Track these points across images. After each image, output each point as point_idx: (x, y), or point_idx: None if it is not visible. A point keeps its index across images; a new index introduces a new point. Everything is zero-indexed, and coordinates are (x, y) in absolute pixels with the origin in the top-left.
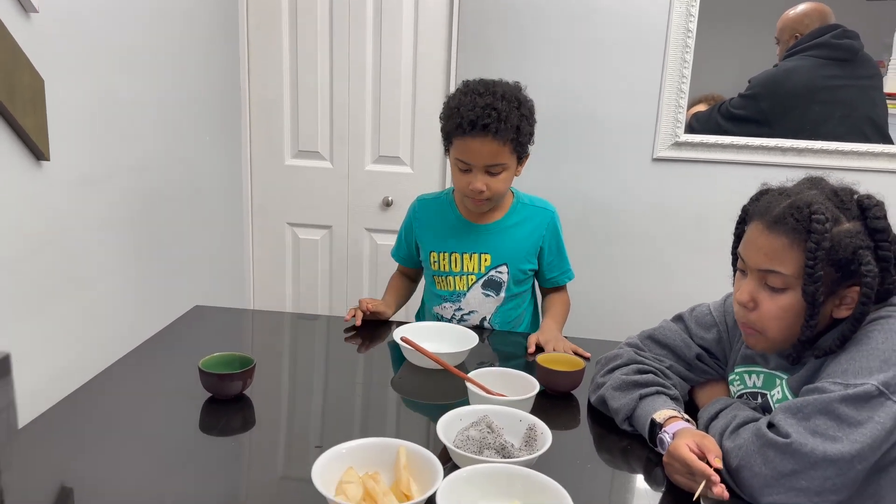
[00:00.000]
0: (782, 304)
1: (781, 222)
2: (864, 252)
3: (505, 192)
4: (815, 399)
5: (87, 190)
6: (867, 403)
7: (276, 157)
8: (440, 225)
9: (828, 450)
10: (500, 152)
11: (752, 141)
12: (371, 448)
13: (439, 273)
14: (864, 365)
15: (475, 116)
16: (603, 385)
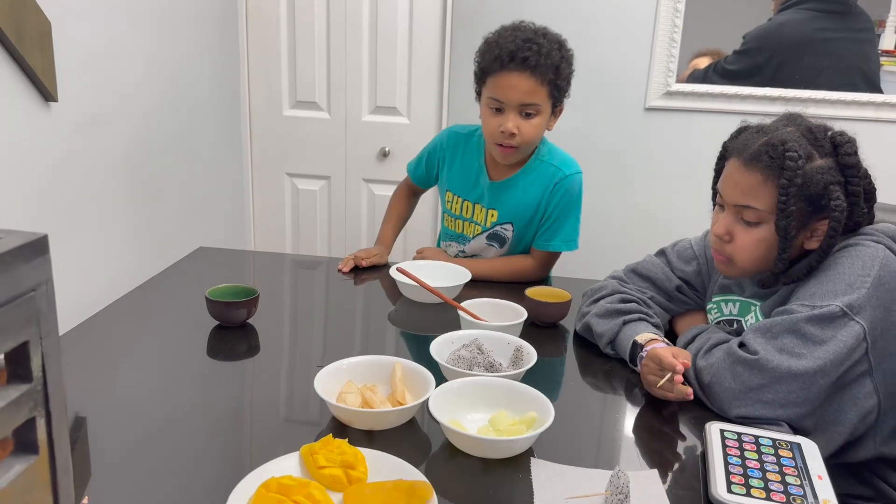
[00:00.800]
0: (756, 237)
1: (757, 159)
2: (834, 187)
3: (535, 141)
4: (783, 319)
5: (94, 132)
6: (831, 323)
7: (275, 108)
8: (462, 168)
9: (792, 365)
10: (537, 91)
11: (742, 90)
12: (369, 364)
13: (451, 213)
14: (831, 288)
15: (515, 48)
16: (588, 314)
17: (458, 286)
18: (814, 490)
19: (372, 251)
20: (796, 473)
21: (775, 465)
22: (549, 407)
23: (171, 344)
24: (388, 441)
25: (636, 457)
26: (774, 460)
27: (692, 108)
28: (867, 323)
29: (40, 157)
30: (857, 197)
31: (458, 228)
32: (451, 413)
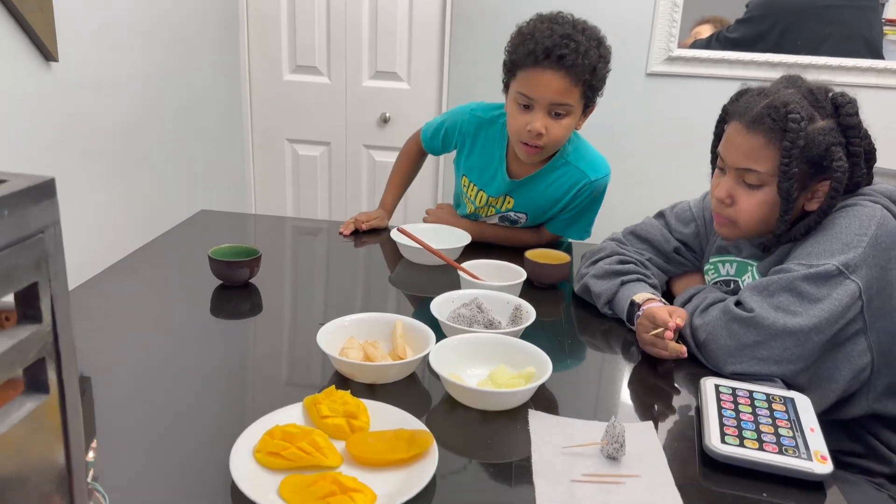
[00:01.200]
0: (758, 200)
1: (759, 122)
2: (836, 149)
3: (562, 142)
4: (780, 277)
5: (94, 94)
6: (827, 282)
7: (275, 73)
8: (482, 157)
9: (788, 322)
10: (570, 92)
11: (743, 56)
12: (370, 321)
13: (466, 195)
14: (827, 247)
15: (552, 44)
16: (586, 275)
17: (458, 248)
18: (806, 442)
19: (372, 214)
20: (789, 426)
21: (769, 418)
22: (548, 362)
23: (174, 304)
24: (390, 395)
25: (632, 411)
26: (768, 413)
27: (694, 74)
28: (863, 282)
29: (41, 118)
30: (858, 157)
31: (470, 209)
32: (451, 368)
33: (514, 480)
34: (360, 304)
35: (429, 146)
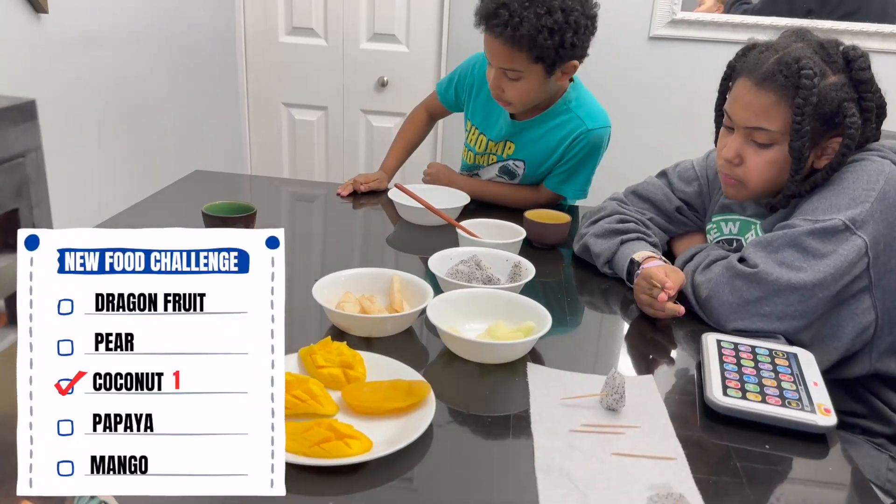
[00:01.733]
0: (767, 159)
1: (770, 79)
2: (848, 104)
3: (525, 101)
4: (784, 233)
5: (85, 50)
6: (833, 237)
7: (271, 34)
8: (488, 101)
9: (792, 278)
10: (513, 57)
11: (747, 19)
12: (367, 275)
13: (468, 146)
14: (834, 202)
15: (485, 12)
16: (586, 234)
17: (457, 208)
18: (809, 395)
19: (371, 176)
20: (792, 380)
21: (771, 373)
22: (547, 316)
23: None
24: (387, 349)
25: (631, 366)
26: (771, 368)
27: (698, 38)
28: (869, 237)
29: (30, 72)
30: (870, 113)
31: (471, 160)
32: (450, 321)
33: (512, 431)
34: (357, 262)
35: (445, 98)
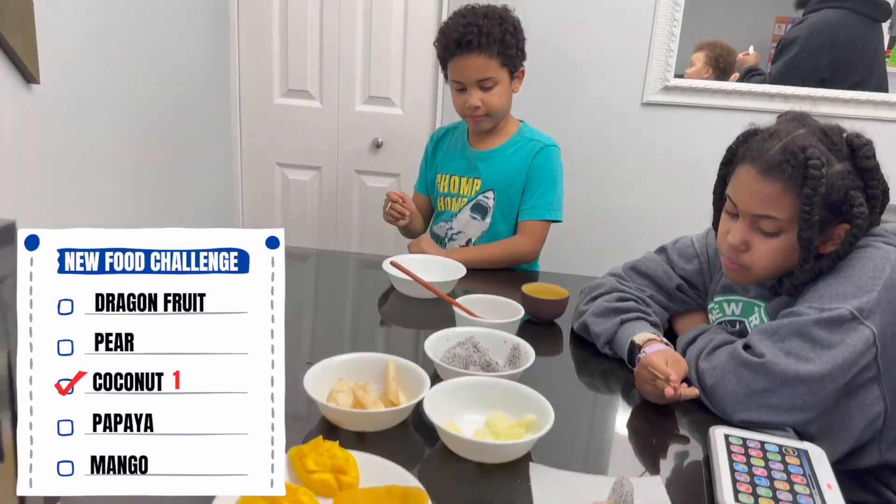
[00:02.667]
0: (774, 247)
1: (777, 168)
2: (855, 193)
3: (501, 108)
4: (791, 321)
5: (78, 117)
6: (840, 327)
7: (265, 96)
8: (449, 150)
9: (800, 369)
10: (488, 66)
11: (740, 86)
12: (361, 362)
13: (442, 194)
14: (840, 290)
15: (458, 35)
16: (585, 312)
17: (453, 281)
18: (823, 499)
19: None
20: (805, 482)
21: (783, 473)
22: (549, 409)
23: None
24: (381, 443)
25: (637, 462)
26: (782, 468)
27: (690, 104)
28: (877, 327)
29: (20, 142)
30: (876, 200)
31: (446, 206)
32: (447, 414)
33: None
34: (349, 338)
35: (421, 188)
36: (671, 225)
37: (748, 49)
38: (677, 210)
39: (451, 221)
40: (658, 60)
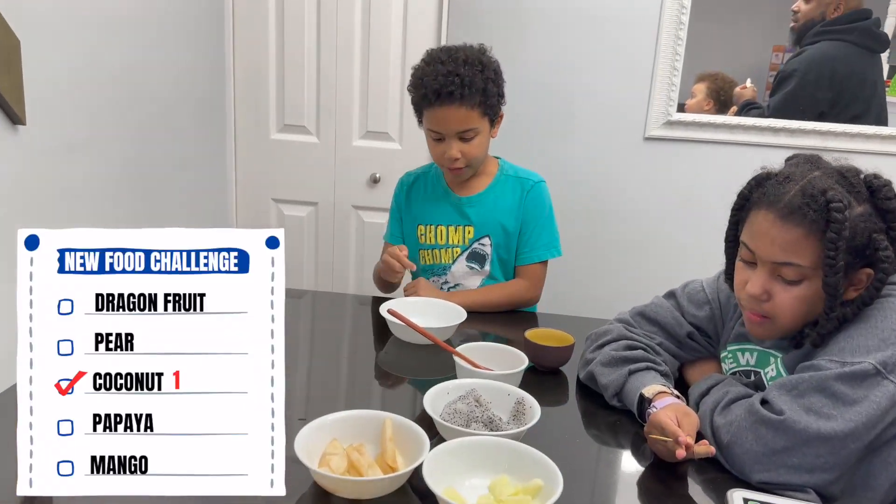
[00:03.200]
0: (797, 295)
1: (797, 212)
2: (879, 236)
3: (481, 156)
4: (811, 376)
5: (66, 158)
6: (863, 382)
7: (262, 131)
8: (427, 198)
9: (821, 427)
10: (470, 117)
11: (744, 121)
12: (356, 420)
13: (426, 246)
14: (862, 343)
15: (439, 85)
16: (592, 361)
17: (453, 326)
18: None
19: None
20: None
21: None
22: (557, 474)
23: None
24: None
25: None
26: None
27: (693, 139)
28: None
29: (6, 185)
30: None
31: (435, 259)
32: (448, 479)
33: None
34: (344, 388)
35: (394, 239)
36: (675, 260)
37: (745, 82)
38: (681, 244)
39: (444, 274)
40: (660, 95)
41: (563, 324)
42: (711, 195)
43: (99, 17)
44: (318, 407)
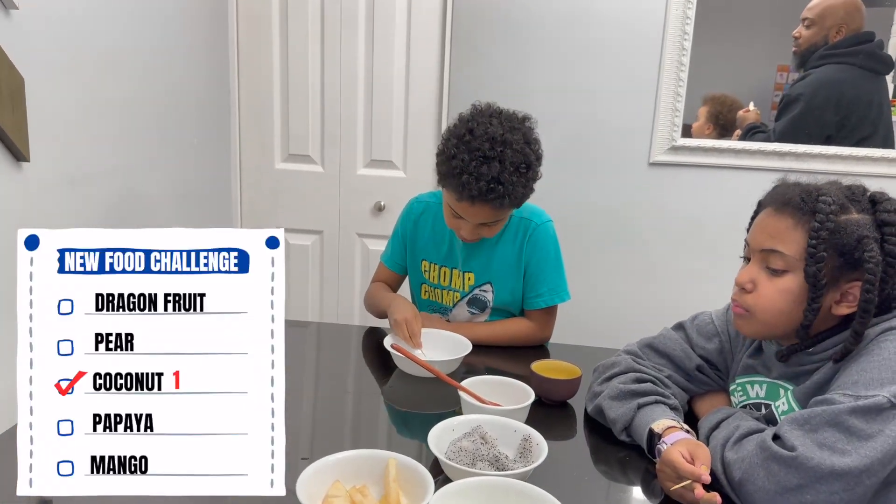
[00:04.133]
0: (780, 287)
1: (790, 204)
2: (869, 241)
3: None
4: (824, 410)
5: (70, 192)
6: (878, 416)
7: (267, 161)
8: (434, 233)
9: (835, 463)
10: (499, 213)
11: (749, 145)
12: (359, 460)
13: (429, 283)
14: (876, 376)
15: (478, 192)
16: (600, 394)
17: (458, 359)
18: None
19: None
20: None
21: None
22: None
23: None
24: None
25: None
26: None
27: (698, 164)
28: None
29: (11, 222)
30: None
31: (437, 298)
32: None
33: None
34: (349, 423)
35: (391, 262)
36: (681, 286)
37: (749, 105)
38: (688, 270)
39: (446, 315)
40: (664, 120)
41: (569, 354)
42: (717, 220)
43: (101, 51)
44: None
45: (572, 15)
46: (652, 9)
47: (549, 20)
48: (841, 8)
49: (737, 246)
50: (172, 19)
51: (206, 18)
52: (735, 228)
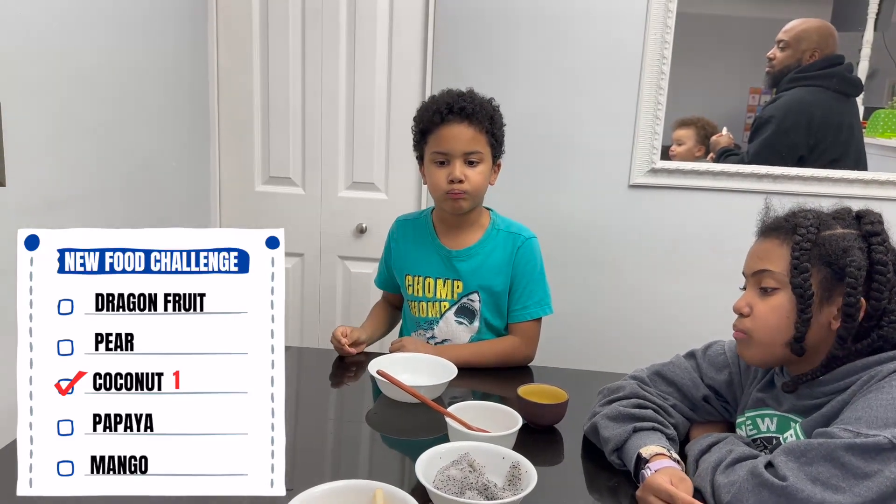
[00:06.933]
0: (773, 305)
1: (776, 227)
2: (854, 249)
3: (482, 190)
4: (820, 443)
5: (48, 216)
6: (877, 456)
7: (247, 183)
8: (417, 247)
9: (827, 499)
10: (478, 139)
11: (728, 167)
12: (346, 491)
13: (413, 298)
14: (881, 415)
15: (451, 100)
16: (598, 413)
17: (443, 384)
18: None
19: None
20: None
21: None
22: None
23: None
24: None
25: None
26: None
27: (677, 186)
28: None
29: None
30: (884, 267)
31: (423, 312)
32: None
33: None
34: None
35: (380, 283)
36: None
37: (722, 129)
38: (667, 291)
39: (432, 328)
40: (643, 143)
41: (550, 376)
42: (697, 242)
43: (77, 73)
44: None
45: (553, 39)
46: (630, 34)
47: (531, 44)
48: (815, 32)
49: (716, 267)
50: (151, 40)
51: (185, 40)
52: (714, 250)
